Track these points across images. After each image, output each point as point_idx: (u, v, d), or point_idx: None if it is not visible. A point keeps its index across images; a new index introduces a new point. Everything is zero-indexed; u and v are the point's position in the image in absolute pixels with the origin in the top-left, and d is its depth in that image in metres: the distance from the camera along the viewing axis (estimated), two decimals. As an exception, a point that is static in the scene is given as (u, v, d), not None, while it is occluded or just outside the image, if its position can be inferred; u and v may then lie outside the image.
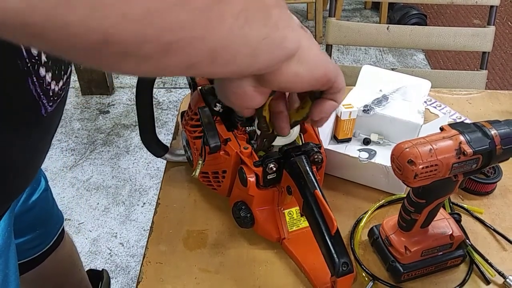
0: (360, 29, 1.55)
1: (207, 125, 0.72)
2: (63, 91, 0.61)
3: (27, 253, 0.89)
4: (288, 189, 0.69)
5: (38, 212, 0.89)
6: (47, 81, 0.55)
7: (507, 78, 2.76)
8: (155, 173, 2.10)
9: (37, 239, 0.93)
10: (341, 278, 0.59)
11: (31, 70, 0.51)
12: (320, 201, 0.62)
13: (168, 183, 0.87)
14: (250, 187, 0.71)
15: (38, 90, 0.54)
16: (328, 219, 0.61)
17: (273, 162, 0.68)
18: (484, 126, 0.64)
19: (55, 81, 0.57)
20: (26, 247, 0.87)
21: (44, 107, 0.57)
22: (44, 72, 0.53)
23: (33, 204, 0.85)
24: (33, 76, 0.52)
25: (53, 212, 0.98)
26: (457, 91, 1.15)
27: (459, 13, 3.32)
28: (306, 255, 0.73)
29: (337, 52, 2.95)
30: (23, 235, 0.84)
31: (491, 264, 0.74)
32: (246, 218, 0.74)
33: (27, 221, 0.84)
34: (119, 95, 2.54)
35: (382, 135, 0.96)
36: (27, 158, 0.61)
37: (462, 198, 0.87)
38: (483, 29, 1.50)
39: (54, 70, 0.56)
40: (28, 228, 0.86)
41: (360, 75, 1.03)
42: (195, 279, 0.72)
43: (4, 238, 0.66)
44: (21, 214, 0.80)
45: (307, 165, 0.67)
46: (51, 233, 0.98)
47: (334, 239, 0.61)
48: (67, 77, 0.61)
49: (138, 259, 1.76)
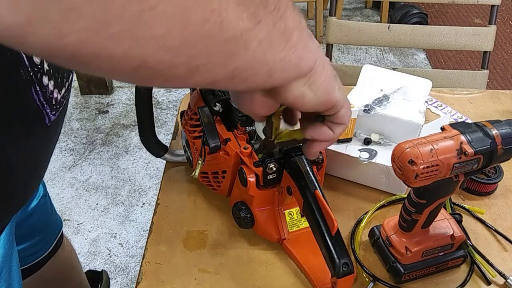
0: (361, 28, 1.54)
1: (207, 125, 0.71)
2: (64, 99, 0.61)
3: (27, 259, 0.89)
4: (288, 190, 0.68)
5: (37, 218, 0.88)
6: (50, 90, 0.55)
7: (508, 77, 2.76)
8: (155, 173, 2.09)
9: (36, 245, 0.92)
10: (342, 279, 0.59)
11: (34, 79, 0.51)
12: (321, 201, 0.62)
13: (167, 183, 0.87)
14: (250, 188, 0.70)
15: (41, 99, 0.54)
16: (329, 219, 0.61)
17: (273, 162, 0.68)
18: (485, 126, 0.63)
19: (57, 89, 0.57)
20: (25, 253, 0.86)
21: (48, 116, 0.57)
22: (47, 80, 0.54)
23: (32, 211, 0.85)
24: (36, 85, 0.52)
25: (52, 218, 0.97)
26: (458, 91, 1.14)
27: (460, 12, 3.32)
28: (307, 256, 0.72)
29: (337, 52, 2.94)
30: (22, 242, 0.83)
31: (492, 264, 0.74)
32: (246, 219, 0.73)
33: (27, 228, 0.83)
34: (118, 95, 2.53)
35: (383, 135, 0.96)
36: (32, 169, 0.61)
37: (463, 198, 0.86)
38: (484, 29, 1.50)
39: (57, 78, 0.56)
40: (28, 235, 0.85)
41: (360, 74, 1.02)
42: (195, 280, 0.72)
43: (6, 248, 0.66)
44: (21, 221, 0.79)
45: (308, 165, 0.67)
46: (50, 239, 0.98)
47: (335, 239, 0.60)
48: (68, 84, 0.61)
49: (137, 260, 1.76)
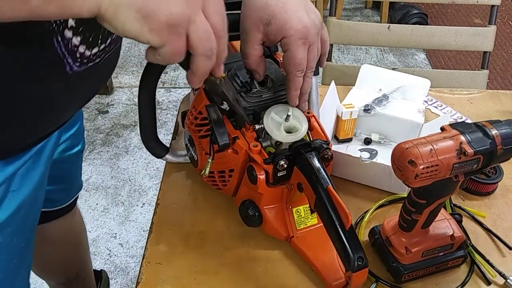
0: (361, 28, 1.55)
1: (216, 123, 0.71)
2: (97, 58, 0.67)
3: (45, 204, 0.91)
4: (299, 186, 0.69)
5: (69, 166, 1.00)
6: (73, 44, 0.61)
7: (508, 78, 2.76)
8: (155, 173, 2.09)
9: (58, 193, 1.01)
10: (357, 273, 0.60)
11: (56, 30, 0.58)
12: (334, 196, 0.63)
13: (167, 184, 0.87)
14: (260, 185, 0.70)
15: (63, 49, 0.60)
16: (343, 214, 0.61)
17: (283, 159, 0.68)
18: (485, 126, 0.63)
19: (85, 46, 0.63)
20: (46, 196, 0.88)
21: (69, 65, 0.63)
22: (70, 34, 0.60)
23: (68, 157, 0.95)
24: (58, 36, 0.59)
25: (78, 176, 1.09)
26: (458, 91, 1.15)
27: (460, 12, 3.32)
28: (316, 253, 0.73)
29: (337, 52, 2.94)
30: (48, 183, 0.85)
31: (492, 264, 0.74)
32: (254, 217, 0.73)
33: (57, 170, 0.89)
34: (118, 95, 2.53)
35: (383, 134, 0.96)
36: (45, 106, 0.67)
37: (463, 198, 0.86)
38: (484, 29, 1.50)
39: (87, 37, 0.62)
40: (55, 178, 0.90)
41: (359, 74, 1.03)
42: (195, 280, 0.72)
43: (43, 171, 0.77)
44: (57, 162, 0.87)
45: (318, 161, 0.67)
46: (70, 194, 1.08)
47: (349, 233, 0.61)
48: (105, 46, 0.67)
49: (137, 260, 1.76)
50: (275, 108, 0.72)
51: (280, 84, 0.74)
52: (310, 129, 0.75)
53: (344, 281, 0.67)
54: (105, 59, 0.70)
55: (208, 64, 0.55)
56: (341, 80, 1.33)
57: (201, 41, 0.53)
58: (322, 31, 0.71)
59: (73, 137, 0.94)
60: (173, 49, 0.51)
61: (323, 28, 0.71)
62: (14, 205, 0.72)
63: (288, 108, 0.72)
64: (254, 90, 0.73)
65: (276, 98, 0.74)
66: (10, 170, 0.70)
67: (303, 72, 0.69)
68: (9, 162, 0.70)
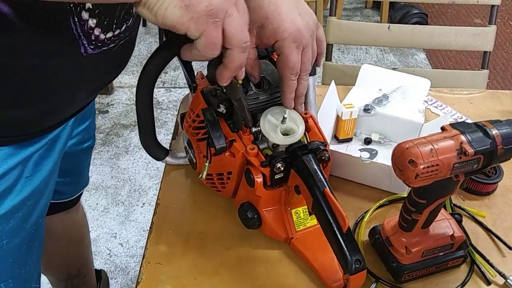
0: (361, 28, 1.54)
1: (212, 126, 0.71)
2: (112, 42, 0.67)
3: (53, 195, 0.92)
4: (296, 189, 0.68)
5: (79, 161, 1.02)
6: (89, 25, 0.62)
7: (508, 77, 2.76)
8: (155, 173, 2.09)
9: (65, 185, 1.02)
10: (354, 276, 0.59)
11: (74, 11, 0.59)
12: (331, 199, 0.63)
13: (167, 184, 0.87)
14: (258, 188, 0.70)
15: (78, 30, 0.61)
16: (340, 216, 0.61)
17: (280, 162, 0.68)
18: (485, 126, 0.63)
19: (100, 29, 0.64)
20: (55, 188, 0.89)
21: (84, 47, 0.64)
22: (87, 16, 0.61)
23: (79, 151, 0.97)
24: (74, 16, 0.60)
25: (86, 171, 1.10)
26: (458, 91, 1.14)
27: (460, 12, 3.32)
28: (315, 254, 0.72)
29: (337, 52, 2.94)
30: (58, 175, 0.86)
31: (492, 264, 0.74)
32: (253, 219, 0.73)
33: (67, 163, 0.89)
34: (118, 95, 2.54)
35: (383, 134, 0.96)
36: (57, 84, 0.68)
37: (463, 198, 0.86)
38: (484, 29, 1.50)
39: (102, 20, 0.63)
40: (64, 171, 0.91)
41: (359, 74, 1.03)
42: (195, 280, 0.71)
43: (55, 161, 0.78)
44: (67, 155, 0.87)
45: (315, 164, 0.67)
46: (76, 188, 1.09)
47: (346, 236, 0.61)
48: (119, 31, 0.67)
49: (137, 260, 1.76)
50: (272, 111, 0.72)
51: (277, 86, 0.74)
52: (307, 130, 0.75)
53: (343, 282, 0.67)
54: (120, 45, 0.70)
55: (243, 57, 0.57)
56: (341, 80, 1.32)
57: (237, 33, 0.54)
58: (318, 31, 0.70)
59: (85, 131, 0.95)
60: (209, 39, 0.53)
61: (318, 28, 0.71)
62: (27, 191, 0.73)
63: (285, 110, 0.72)
64: (251, 93, 0.73)
65: (273, 100, 0.74)
66: (24, 154, 0.71)
67: (297, 75, 0.69)
68: (23, 146, 0.70)
